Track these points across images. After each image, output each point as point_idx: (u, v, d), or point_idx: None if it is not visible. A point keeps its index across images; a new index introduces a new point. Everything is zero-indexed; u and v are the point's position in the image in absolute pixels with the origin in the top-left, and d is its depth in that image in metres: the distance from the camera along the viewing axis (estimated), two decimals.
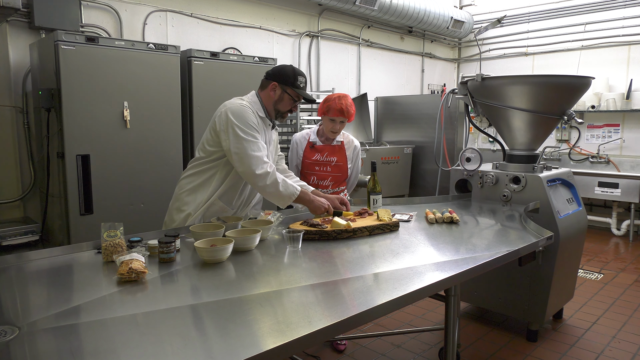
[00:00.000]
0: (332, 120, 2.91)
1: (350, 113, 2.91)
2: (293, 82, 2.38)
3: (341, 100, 2.89)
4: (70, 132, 3.19)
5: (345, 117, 2.90)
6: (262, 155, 2.26)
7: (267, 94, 2.41)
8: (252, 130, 2.27)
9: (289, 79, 2.38)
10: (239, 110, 2.29)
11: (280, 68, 2.42)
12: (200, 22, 4.81)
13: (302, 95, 2.40)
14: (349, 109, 2.89)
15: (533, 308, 3.11)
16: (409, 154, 6.12)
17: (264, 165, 2.25)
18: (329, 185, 3.04)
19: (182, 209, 2.40)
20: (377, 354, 2.98)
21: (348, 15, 6.20)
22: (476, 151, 3.31)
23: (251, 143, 2.25)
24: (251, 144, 2.25)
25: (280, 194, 2.27)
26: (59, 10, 3.69)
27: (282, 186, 2.27)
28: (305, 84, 2.43)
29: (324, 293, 1.56)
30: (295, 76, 2.39)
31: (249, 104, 2.36)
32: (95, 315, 1.36)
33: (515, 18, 7.22)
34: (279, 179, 2.27)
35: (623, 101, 6.04)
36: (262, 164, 2.24)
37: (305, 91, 2.44)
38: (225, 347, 1.20)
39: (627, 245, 5.61)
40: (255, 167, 2.23)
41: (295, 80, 2.38)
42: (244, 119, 2.27)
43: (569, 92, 3.13)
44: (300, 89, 2.41)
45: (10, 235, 3.44)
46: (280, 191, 2.26)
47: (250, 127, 2.27)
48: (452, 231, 2.38)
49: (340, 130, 2.98)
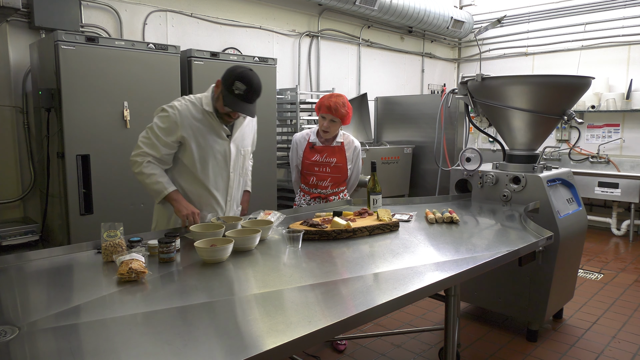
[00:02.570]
0: (323, 118, 2.91)
1: (341, 112, 2.86)
2: (229, 85, 2.16)
3: (332, 98, 2.89)
4: (70, 132, 3.19)
5: (334, 115, 2.86)
6: (144, 148, 2.28)
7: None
8: (157, 129, 2.29)
9: (227, 80, 2.18)
10: (160, 110, 2.33)
11: (233, 68, 2.21)
12: (200, 22, 4.81)
13: (229, 105, 2.18)
14: (337, 107, 2.85)
15: (533, 308, 3.11)
16: (409, 154, 6.12)
17: (139, 155, 2.29)
18: (328, 185, 3.04)
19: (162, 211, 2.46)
20: (377, 354, 2.98)
21: (348, 15, 6.20)
22: (476, 151, 3.31)
23: (144, 137, 2.31)
24: (144, 137, 2.31)
25: (147, 186, 2.31)
26: (59, 10, 3.69)
27: (149, 179, 2.28)
28: (246, 92, 2.15)
29: (324, 293, 1.56)
30: (234, 80, 2.14)
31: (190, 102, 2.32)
32: (95, 315, 1.36)
33: (515, 18, 7.22)
34: (147, 170, 2.27)
35: (623, 101, 6.04)
36: (139, 155, 2.29)
37: (240, 102, 2.16)
38: (225, 347, 1.20)
39: (627, 245, 5.61)
40: (133, 153, 2.31)
41: (231, 84, 2.15)
42: (157, 119, 2.32)
43: (569, 92, 3.13)
44: (232, 96, 2.16)
45: (10, 235, 3.44)
46: (147, 183, 2.30)
47: (157, 126, 2.29)
48: (452, 231, 2.38)
49: (332, 130, 2.94)
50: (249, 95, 2.18)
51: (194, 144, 2.30)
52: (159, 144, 2.28)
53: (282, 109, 5.06)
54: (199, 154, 2.32)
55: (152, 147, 2.29)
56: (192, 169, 2.35)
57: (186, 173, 2.37)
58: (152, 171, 2.29)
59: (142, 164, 2.28)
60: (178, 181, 2.38)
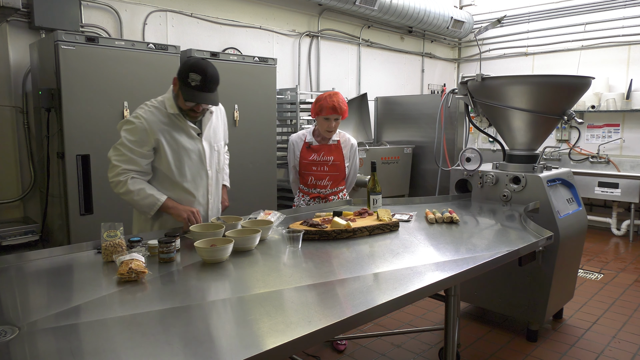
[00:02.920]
0: (327, 119, 2.92)
1: (343, 109, 2.92)
2: (184, 78, 2.10)
3: (332, 97, 2.91)
4: (70, 132, 3.19)
5: (339, 114, 2.90)
6: (123, 165, 2.18)
7: None
8: (129, 142, 2.19)
9: (182, 74, 2.11)
10: (125, 123, 2.23)
11: (186, 60, 2.15)
12: (200, 22, 4.81)
13: (186, 97, 2.12)
14: (341, 105, 2.90)
15: (533, 308, 3.11)
16: (409, 154, 6.12)
17: (120, 175, 2.19)
18: (327, 184, 3.04)
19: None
20: (377, 354, 2.98)
21: (348, 15, 6.20)
22: (476, 151, 3.31)
23: (117, 154, 2.20)
24: (117, 155, 2.20)
25: (138, 204, 2.22)
26: (59, 10, 3.69)
27: (138, 195, 2.19)
28: (200, 82, 2.09)
29: (323, 293, 1.56)
30: (187, 72, 2.08)
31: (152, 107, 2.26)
32: (95, 315, 1.36)
33: (515, 18, 7.22)
34: (133, 187, 2.18)
35: (623, 101, 6.04)
36: (119, 174, 2.19)
37: (198, 92, 2.10)
38: (225, 347, 1.20)
39: (627, 245, 5.61)
40: (110, 173, 2.21)
41: (186, 77, 2.08)
42: (125, 132, 2.22)
43: (569, 92, 3.13)
44: (189, 88, 2.10)
45: (10, 235, 3.44)
46: (136, 201, 2.20)
47: (128, 140, 2.20)
48: (452, 231, 2.38)
49: (336, 128, 2.98)
50: (206, 84, 2.11)
51: (167, 148, 2.24)
52: (136, 157, 2.20)
53: (282, 109, 5.06)
54: (173, 158, 2.27)
55: (130, 162, 2.20)
56: (169, 173, 2.28)
57: (163, 179, 2.31)
58: (139, 186, 2.20)
59: (127, 182, 2.18)
60: (155, 187, 2.31)
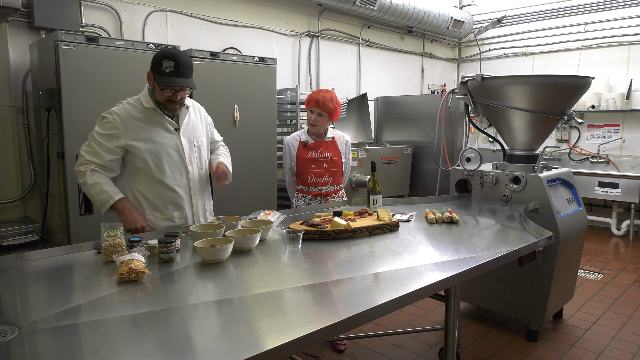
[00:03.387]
0: (311, 112, 2.98)
1: (328, 106, 2.92)
2: (157, 68, 2.16)
3: (320, 92, 2.96)
4: (70, 132, 3.19)
5: (321, 109, 2.93)
6: (87, 156, 2.22)
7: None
8: (98, 136, 2.23)
9: (155, 64, 2.17)
10: (100, 118, 2.28)
11: (156, 53, 2.22)
12: (200, 22, 4.81)
13: (161, 83, 2.15)
14: (325, 101, 2.91)
15: (533, 308, 3.11)
16: (409, 154, 6.12)
17: (82, 165, 2.23)
18: (327, 181, 3.05)
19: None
20: (377, 354, 2.98)
21: (348, 15, 6.20)
22: (476, 151, 3.31)
23: (86, 145, 2.26)
24: (86, 145, 2.26)
25: (92, 197, 2.24)
26: (59, 10, 3.69)
27: (93, 189, 2.20)
28: (174, 68, 2.14)
29: (323, 293, 1.56)
30: (160, 61, 2.14)
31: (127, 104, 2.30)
32: (95, 315, 1.36)
33: (515, 18, 7.22)
34: (91, 180, 2.20)
35: (623, 101, 6.04)
36: (81, 164, 2.23)
37: (174, 77, 2.14)
38: (225, 347, 1.20)
39: (627, 245, 5.61)
40: (76, 164, 2.26)
41: (159, 66, 2.14)
42: (98, 126, 2.26)
43: (569, 92, 3.13)
44: (165, 75, 2.14)
45: (10, 235, 3.44)
46: (91, 194, 2.23)
47: (98, 133, 2.24)
48: (452, 231, 2.38)
49: (320, 123, 2.99)
50: (180, 69, 2.16)
51: (141, 144, 2.25)
52: (102, 151, 2.22)
53: (282, 109, 5.06)
54: (150, 153, 2.27)
55: (95, 154, 2.22)
56: (147, 170, 2.28)
57: (142, 175, 2.30)
58: (96, 180, 2.21)
59: (86, 173, 2.20)
60: (135, 186, 2.32)
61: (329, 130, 3.10)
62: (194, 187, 2.44)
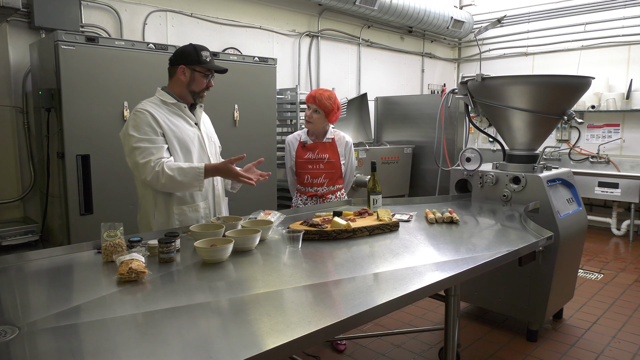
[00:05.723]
0: (308, 108, 2.99)
1: (324, 103, 2.92)
2: (198, 58, 2.33)
3: (318, 90, 2.99)
4: (70, 132, 3.19)
5: (317, 105, 2.93)
6: (150, 157, 2.19)
7: (178, 79, 2.35)
8: (140, 134, 2.21)
9: (193, 57, 2.33)
10: (128, 125, 2.26)
11: (182, 50, 2.36)
12: (200, 22, 4.81)
13: (211, 68, 2.36)
14: (322, 98, 2.92)
15: (533, 308, 3.11)
16: (409, 154, 6.12)
17: (155, 167, 2.18)
18: (323, 182, 3.05)
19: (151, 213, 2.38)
20: (377, 354, 2.98)
21: (348, 15, 6.20)
22: (476, 151, 3.31)
23: (139, 152, 2.21)
24: (139, 152, 2.21)
25: (183, 183, 2.22)
26: (59, 10, 3.69)
27: (180, 174, 2.19)
28: (210, 57, 2.37)
29: (323, 293, 1.56)
30: (198, 52, 2.34)
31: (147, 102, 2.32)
32: (95, 315, 1.36)
33: (515, 18, 7.22)
34: (171, 171, 2.18)
35: (623, 101, 6.04)
36: (152, 167, 2.18)
37: (213, 63, 2.38)
38: (225, 347, 1.20)
39: (627, 245, 5.61)
40: (145, 175, 2.20)
41: (200, 57, 2.34)
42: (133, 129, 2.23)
43: (569, 92, 3.13)
44: (208, 63, 2.35)
45: (10, 235, 3.44)
46: (180, 181, 2.20)
47: (139, 132, 2.21)
48: (452, 231, 2.38)
49: (315, 120, 2.98)
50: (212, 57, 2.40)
51: (171, 133, 2.29)
52: (158, 141, 2.23)
53: (282, 109, 5.06)
54: (179, 144, 2.31)
55: (156, 150, 2.21)
56: (176, 158, 2.30)
57: None
58: (175, 166, 2.20)
59: (164, 169, 2.18)
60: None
61: (330, 131, 3.08)
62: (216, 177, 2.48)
